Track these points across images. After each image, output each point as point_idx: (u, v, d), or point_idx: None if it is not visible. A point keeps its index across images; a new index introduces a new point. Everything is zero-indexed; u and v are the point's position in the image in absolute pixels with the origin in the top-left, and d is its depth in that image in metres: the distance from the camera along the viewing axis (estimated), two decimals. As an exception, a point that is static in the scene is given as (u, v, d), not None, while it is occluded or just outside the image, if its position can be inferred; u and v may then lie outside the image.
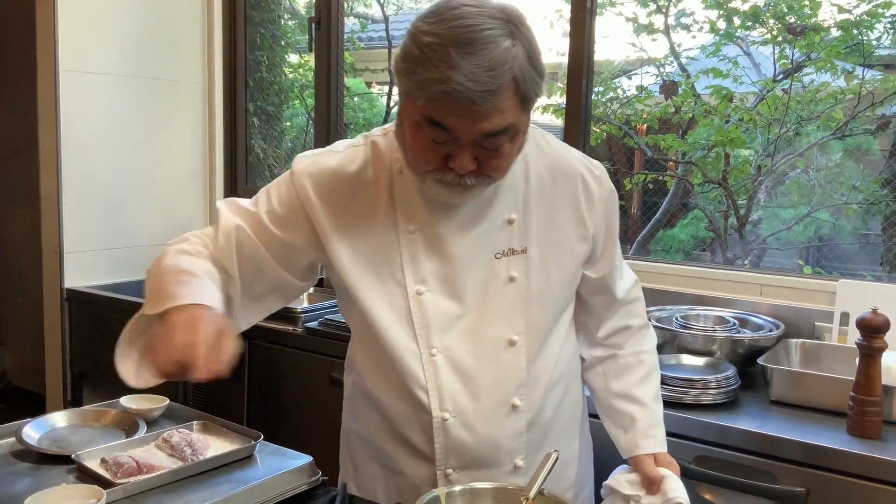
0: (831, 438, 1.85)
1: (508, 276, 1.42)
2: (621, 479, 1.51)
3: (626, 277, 1.62)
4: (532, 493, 1.25)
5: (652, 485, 1.47)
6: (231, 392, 2.92)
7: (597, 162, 1.53)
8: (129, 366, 1.36)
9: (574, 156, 1.52)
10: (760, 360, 2.16)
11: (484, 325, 1.41)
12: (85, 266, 3.50)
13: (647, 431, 1.53)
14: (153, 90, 3.68)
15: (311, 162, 1.44)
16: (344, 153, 1.45)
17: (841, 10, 3.21)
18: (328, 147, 1.48)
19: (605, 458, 1.70)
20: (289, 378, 2.78)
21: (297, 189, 1.42)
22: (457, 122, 1.21)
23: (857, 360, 1.90)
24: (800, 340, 2.37)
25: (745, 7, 3.43)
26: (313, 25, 3.55)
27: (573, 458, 1.61)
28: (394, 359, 1.42)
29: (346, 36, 3.77)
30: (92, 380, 3.51)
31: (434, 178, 1.29)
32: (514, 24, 1.21)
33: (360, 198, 1.41)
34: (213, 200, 3.97)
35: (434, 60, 1.17)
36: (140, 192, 3.68)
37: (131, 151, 3.63)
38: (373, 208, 1.41)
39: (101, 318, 3.39)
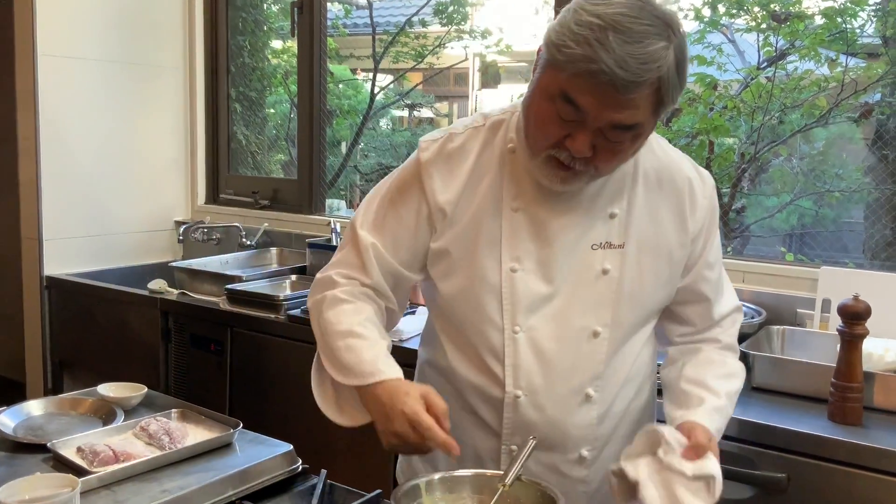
0: (812, 425, 1.85)
1: (602, 269, 1.42)
2: (667, 429, 1.34)
3: (729, 302, 1.58)
4: (508, 480, 1.25)
5: (694, 450, 1.30)
6: (212, 380, 2.90)
7: (707, 173, 1.52)
8: (329, 405, 1.47)
9: (685, 162, 1.52)
10: (742, 347, 2.14)
11: (570, 312, 1.42)
12: (64, 253, 3.47)
13: (712, 414, 1.42)
14: (133, 75, 3.64)
15: (438, 149, 1.47)
16: (464, 134, 1.48)
17: (824, -3, 3.22)
18: (449, 128, 1.50)
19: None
20: (271, 366, 2.76)
21: (421, 177, 1.46)
22: (591, 104, 1.23)
23: (839, 346, 1.91)
24: (782, 327, 2.38)
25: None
26: (296, 10, 3.52)
27: None
28: (477, 331, 1.44)
29: (329, 21, 3.74)
30: (72, 368, 3.48)
31: (546, 155, 1.31)
32: (672, 29, 1.23)
33: (476, 176, 1.45)
34: (194, 187, 3.94)
35: (591, 39, 1.20)
36: (120, 179, 3.64)
37: (111, 138, 3.59)
38: (484, 186, 1.44)
39: (82, 305, 3.36)
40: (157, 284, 3.14)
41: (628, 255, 1.43)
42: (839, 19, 3.20)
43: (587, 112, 1.24)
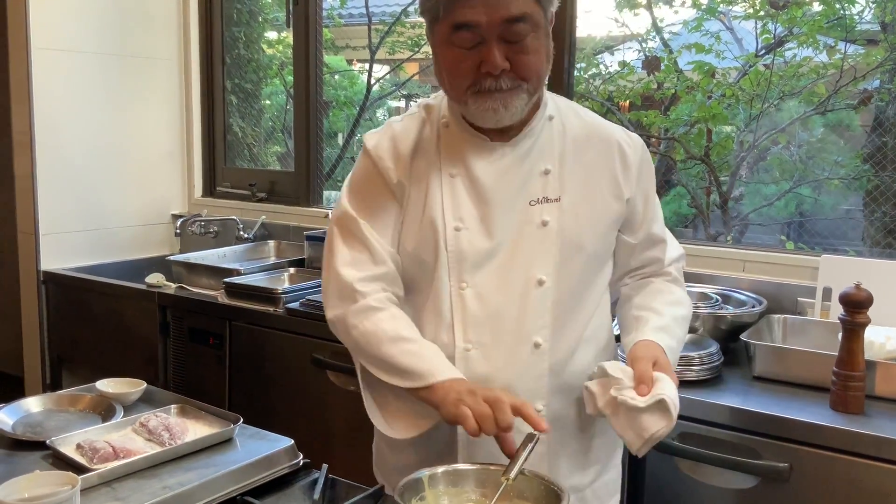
0: (814, 414, 1.85)
1: (541, 221, 1.49)
2: (615, 364, 1.44)
3: (673, 248, 1.69)
4: (512, 474, 1.24)
5: (641, 384, 1.38)
6: (211, 373, 2.89)
7: (636, 135, 1.60)
8: (380, 422, 1.51)
9: (613, 126, 1.60)
10: (743, 336, 2.15)
11: (514, 264, 1.48)
12: (61, 248, 3.46)
13: (656, 332, 1.51)
14: (128, 68, 3.62)
15: (381, 134, 1.56)
16: (402, 121, 1.58)
17: (823, -16, 3.20)
18: (389, 121, 1.60)
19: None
20: (270, 359, 2.76)
21: (374, 162, 1.53)
22: (477, 15, 1.34)
23: (840, 335, 1.90)
24: (782, 316, 2.37)
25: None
26: (291, 1, 3.50)
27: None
28: (429, 293, 1.50)
29: (325, 11, 3.72)
30: (70, 362, 3.48)
31: (474, 94, 1.41)
32: None
33: (419, 154, 1.53)
34: (191, 180, 3.92)
35: None
36: (116, 173, 3.63)
37: (107, 131, 3.58)
38: (426, 161, 1.52)
39: (79, 300, 3.35)
40: (155, 278, 3.13)
41: (565, 207, 1.50)
42: (837, 5, 3.19)
43: (480, 24, 1.35)
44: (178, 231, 3.59)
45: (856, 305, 1.85)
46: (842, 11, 3.18)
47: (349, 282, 1.49)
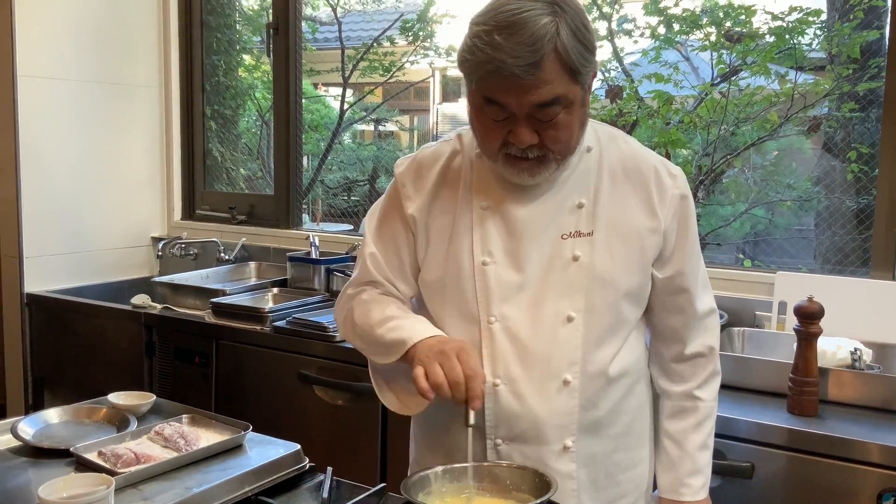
0: (773, 417, 2.01)
1: (573, 256, 1.48)
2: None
3: (708, 299, 1.62)
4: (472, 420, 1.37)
5: None
6: (198, 392, 2.97)
7: (678, 168, 1.56)
8: (392, 401, 1.56)
9: (652, 155, 1.57)
10: (707, 348, 2.31)
11: (544, 299, 1.48)
12: (44, 270, 3.53)
13: (684, 479, 1.59)
14: (111, 95, 3.72)
15: (409, 161, 1.60)
16: (437, 146, 1.61)
17: (774, 17, 3.40)
18: (423, 146, 1.63)
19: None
20: (257, 376, 2.86)
21: (398, 189, 1.58)
22: (507, 97, 1.35)
23: (795, 345, 2.07)
24: (742, 329, 2.54)
25: (684, 12, 3.60)
26: (271, 31, 3.63)
27: (637, 462, 1.62)
28: (454, 327, 1.51)
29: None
30: (53, 384, 3.53)
31: (504, 155, 1.42)
32: (556, 5, 1.34)
33: (448, 182, 1.55)
34: (170, 204, 4.02)
35: (482, 46, 1.33)
36: (99, 196, 3.71)
37: (90, 156, 3.67)
38: (455, 190, 1.54)
39: (62, 322, 3.42)
40: (141, 299, 3.21)
41: (597, 242, 1.48)
42: (788, 37, 3.39)
43: (509, 105, 1.35)
44: (159, 253, 3.68)
45: (809, 317, 2.02)
46: (792, 42, 3.38)
47: (347, 293, 1.62)
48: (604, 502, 1.56)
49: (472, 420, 1.38)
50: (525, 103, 1.34)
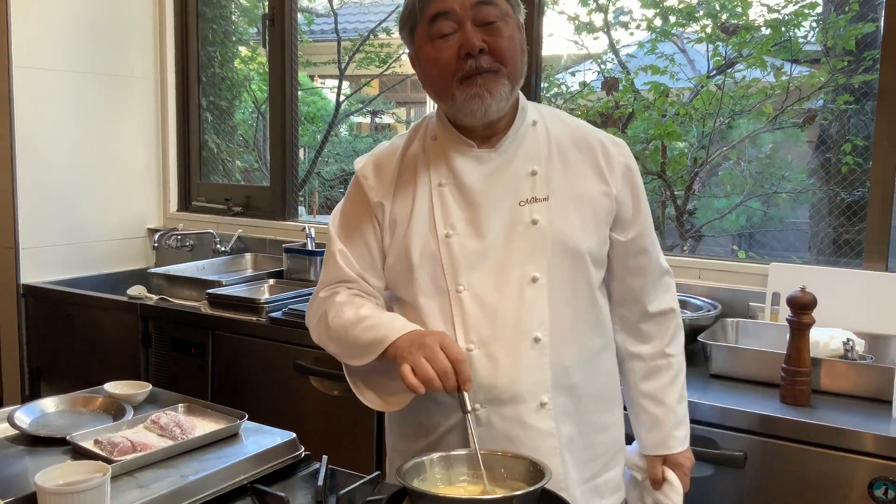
0: (766, 407, 2.02)
1: (531, 220, 1.54)
2: (634, 461, 1.74)
3: (662, 257, 1.72)
4: (469, 406, 1.41)
5: (655, 484, 1.70)
6: (194, 382, 2.98)
7: (620, 139, 1.66)
8: (372, 400, 1.59)
9: (595, 129, 1.66)
10: (700, 338, 2.32)
11: (507, 263, 1.53)
12: (40, 262, 3.53)
13: (671, 433, 1.68)
14: (106, 86, 3.71)
15: (368, 157, 1.66)
16: (392, 141, 1.68)
17: (770, 9, 3.41)
18: (378, 145, 1.69)
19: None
20: (253, 367, 2.87)
21: (360, 182, 1.63)
22: (449, 2, 1.47)
23: (788, 335, 2.08)
24: (735, 319, 2.55)
25: (681, 4, 3.60)
26: (267, 22, 3.63)
27: (609, 425, 1.66)
28: (425, 302, 1.55)
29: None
30: (49, 375, 3.53)
31: (458, 84, 1.50)
32: None
33: (406, 169, 1.62)
34: (166, 195, 4.02)
35: None
36: (94, 188, 3.72)
37: (85, 147, 3.66)
38: (414, 175, 1.61)
39: (58, 313, 3.42)
40: (137, 290, 3.22)
41: (553, 206, 1.55)
42: (783, 29, 3.40)
43: (453, 10, 1.47)
44: (155, 245, 3.69)
45: (802, 307, 2.04)
46: (787, 34, 3.39)
47: (319, 297, 1.64)
48: (583, 461, 1.60)
49: (469, 405, 1.40)
50: (467, 3, 1.47)
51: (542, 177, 1.56)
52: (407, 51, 1.62)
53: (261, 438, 1.67)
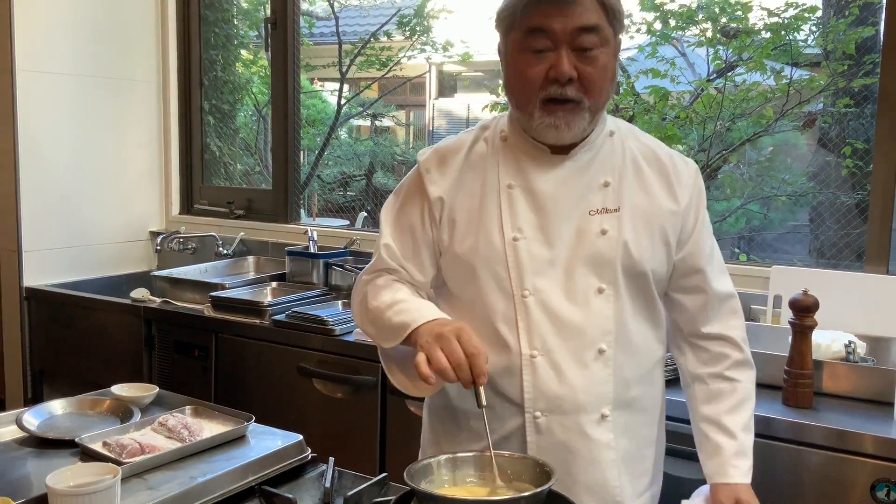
0: (768, 409, 2.03)
1: (601, 230, 1.51)
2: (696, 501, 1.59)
3: (725, 282, 1.65)
4: (485, 401, 1.38)
5: None
6: (197, 385, 2.99)
7: (691, 160, 1.63)
8: (402, 382, 1.54)
9: (669, 149, 1.63)
10: (703, 341, 2.33)
11: (575, 272, 1.51)
12: (43, 264, 3.54)
13: (731, 461, 1.57)
14: (109, 89, 3.73)
15: (433, 150, 1.63)
16: (459, 136, 1.64)
17: (770, 13, 3.43)
18: (445, 138, 1.66)
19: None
20: (256, 369, 2.88)
21: (421, 174, 1.60)
22: (552, 21, 1.42)
23: (790, 337, 2.09)
24: (738, 322, 2.56)
25: (681, 8, 3.62)
26: (269, 26, 3.64)
27: (653, 441, 1.65)
28: (488, 304, 1.53)
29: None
30: (52, 378, 3.54)
31: (541, 104, 1.46)
32: None
33: (472, 166, 1.59)
34: (169, 198, 4.03)
35: None
36: (97, 191, 3.73)
37: (88, 150, 3.68)
38: (482, 174, 1.57)
39: (61, 315, 3.43)
40: (140, 293, 3.23)
41: (624, 218, 1.52)
42: (783, 33, 3.41)
43: (553, 29, 1.42)
44: (158, 247, 3.70)
45: (804, 310, 2.05)
46: (787, 38, 3.41)
47: (361, 278, 1.63)
48: (636, 475, 1.59)
49: (484, 401, 1.39)
50: (569, 26, 1.41)
51: (613, 188, 1.54)
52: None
53: (267, 440, 1.68)
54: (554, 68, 1.43)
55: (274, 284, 3.29)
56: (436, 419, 1.69)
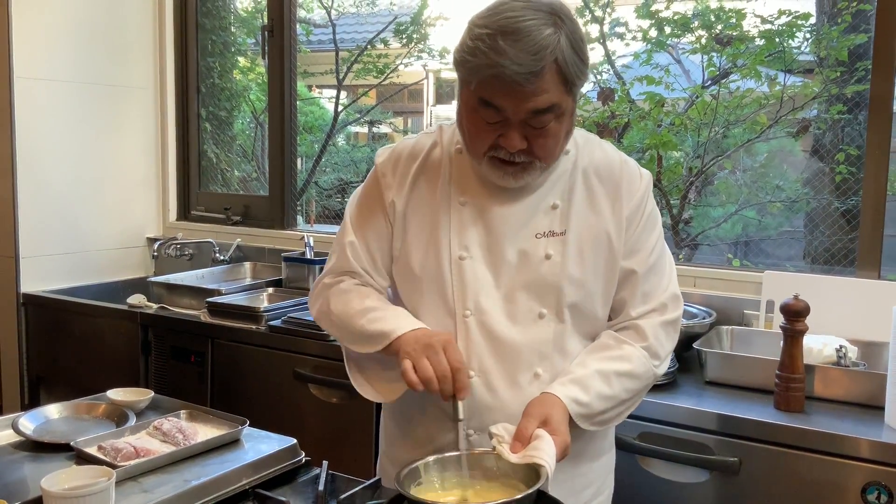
0: (760, 413, 2.05)
1: (545, 254, 1.52)
2: (499, 427, 1.45)
3: (662, 283, 1.60)
4: (462, 415, 1.41)
5: (515, 441, 1.38)
6: (194, 390, 3.00)
7: (647, 172, 1.61)
8: (363, 385, 1.59)
9: (626, 161, 1.61)
10: (696, 345, 2.35)
11: (517, 295, 1.52)
12: (40, 271, 3.55)
13: (565, 385, 1.47)
14: (106, 96, 3.74)
15: (390, 152, 1.64)
16: (418, 138, 1.65)
17: (764, 20, 3.45)
18: (404, 138, 1.66)
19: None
20: (252, 375, 2.89)
21: (377, 177, 1.62)
22: (505, 102, 1.38)
23: (782, 342, 2.10)
24: (730, 327, 2.58)
25: (676, 16, 3.64)
26: (266, 33, 3.66)
27: (595, 456, 1.66)
28: (431, 319, 1.54)
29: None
30: (49, 383, 3.55)
31: (489, 158, 1.46)
32: (557, 16, 1.38)
33: (427, 174, 1.59)
34: (166, 204, 4.05)
35: (484, 49, 1.36)
36: (94, 197, 3.74)
37: (85, 157, 3.69)
38: (434, 183, 1.58)
39: (58, 322, 3.44)
40: (137, 299, 3.24)
41: (570, 243, 1.53)
42: (777, 40, 3.43)
43: (506, 109, 1.39)
44: (155, 254, 3.71)
45: (795, 314, 2.06)
46: (781, 45, 3.43)
47: (323, 281, 1.64)
48: (574, 490, 1.60)
49: (461, 415, 1.41)
50: (522, 109, 1.39)
51: (562, 210, 1.54)
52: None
53: (262, 444, 1.69)
54: (503, 138, 1.43)
55: (270, 290, 3.31)
56: (391, 422, 1.72)
